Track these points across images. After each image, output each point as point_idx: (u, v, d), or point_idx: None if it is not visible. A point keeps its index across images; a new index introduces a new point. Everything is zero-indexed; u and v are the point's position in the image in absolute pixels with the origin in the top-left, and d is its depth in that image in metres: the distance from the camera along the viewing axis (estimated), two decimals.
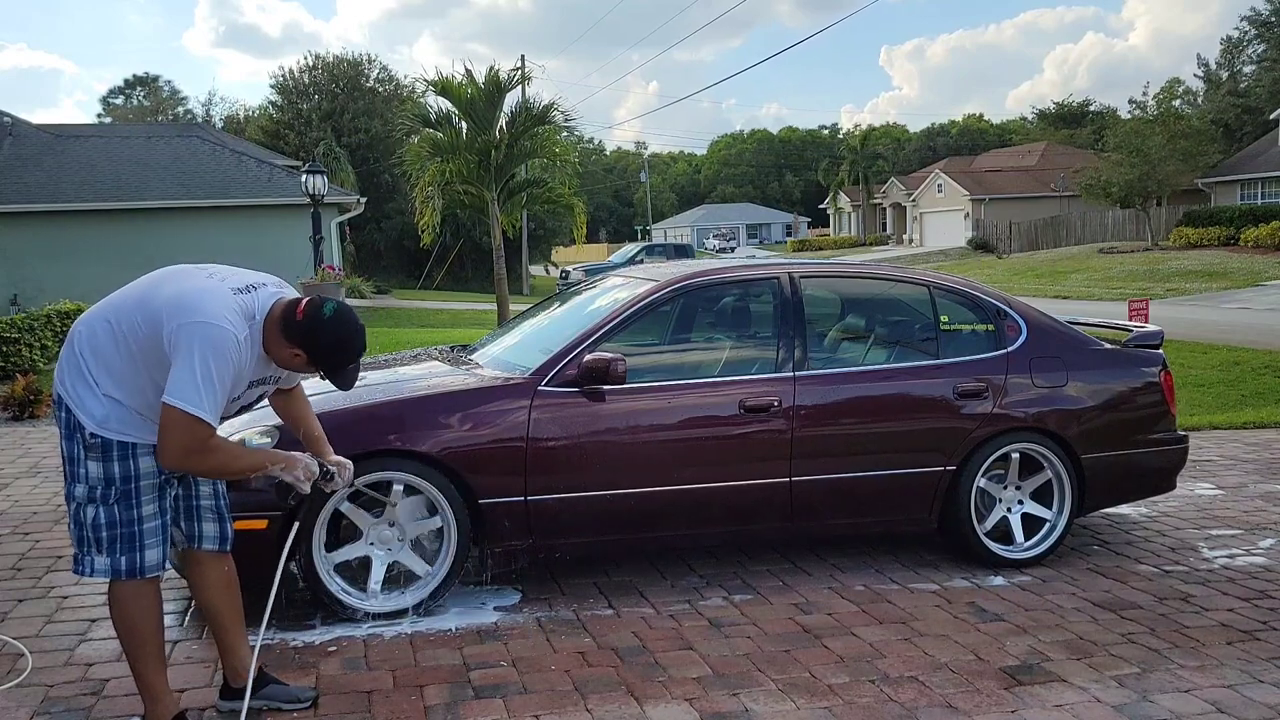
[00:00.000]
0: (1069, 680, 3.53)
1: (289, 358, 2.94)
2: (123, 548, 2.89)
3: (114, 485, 2.87)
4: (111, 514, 2.88)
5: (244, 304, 2.89)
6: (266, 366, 3.00)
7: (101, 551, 2.89)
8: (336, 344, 2.94)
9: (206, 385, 2.74)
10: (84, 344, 2.90)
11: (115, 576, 2.92)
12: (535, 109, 16.90)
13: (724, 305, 5.16)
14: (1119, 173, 35.04)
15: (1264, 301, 20.18)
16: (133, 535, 2.90)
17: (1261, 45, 52.95)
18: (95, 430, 2.84)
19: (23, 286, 19.91)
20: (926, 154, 76.95)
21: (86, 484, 2.87)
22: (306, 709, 3.29)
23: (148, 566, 2.93)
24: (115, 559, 2.90)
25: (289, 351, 2.92)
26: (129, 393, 2.86)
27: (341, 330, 2.93)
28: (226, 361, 2.78)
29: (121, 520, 2.88)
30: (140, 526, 2.91)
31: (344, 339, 2.94)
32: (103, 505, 2.87)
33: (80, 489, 2.88)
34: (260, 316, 2.91)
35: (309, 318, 2.89)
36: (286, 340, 2.91)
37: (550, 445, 4.18)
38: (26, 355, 11.11)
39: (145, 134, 30.27)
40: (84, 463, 2.86)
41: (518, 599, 4.33)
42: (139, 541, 2.91)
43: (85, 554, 2.91)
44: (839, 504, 4.59)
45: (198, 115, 58.82)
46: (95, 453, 2.85)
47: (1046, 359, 4.84)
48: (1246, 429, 8.41)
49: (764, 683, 3.51)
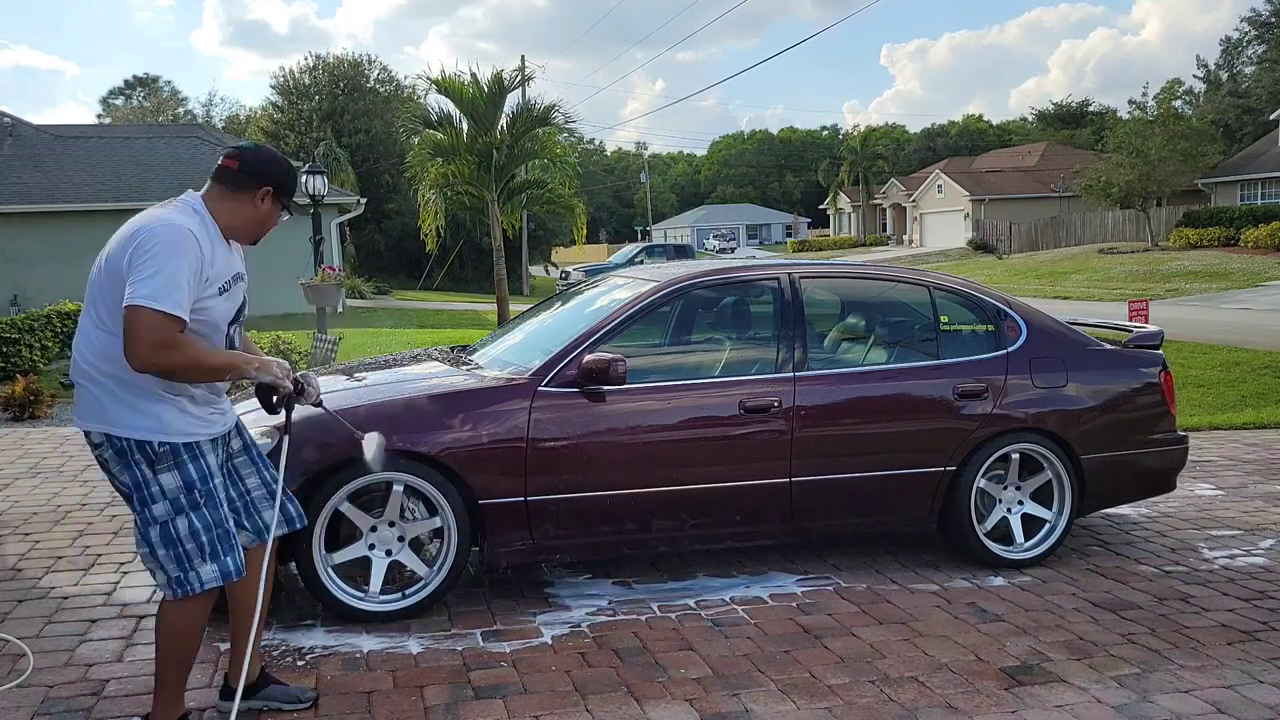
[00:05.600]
0: (1069, 681, 3.53)
1: (255, 209, 2.91)
2: (225, 548, 2.87)
3: (195, 488, 2.84)
4: (204, 517, 2.85)
5: (180, 206, 2.86)
6: (232, 257, 2.93)
7: (206, 559, 2.84)
8: (280, 160, 2.98)
9: (169, 281, 2.65)
10: (90, 364, 2.82)
11: (226, 580, 2.88)
12: (536, 110, 16.91)
13: (724, 306, 5.16)
14: (1119, 173, 35.05)
15: (1264, 302, 20.18)
16: (228, 534, 2.89)
17: (1261, 46, 52.96)
18: (163, 439, 2.80)
19: (23, 287, 19.91)
20: (926, 154, 76.94)
21: (165, 500, 2.81)
22: (306, 709, 3.29)
23: (241, 565, 2.93)
24: (223, 562, 2.86)
25: (254, 201, 2.90)
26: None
27: (270, 150, 3.03)
28: (183, 253, 2.69)
29: (214, 520, 2.86)
30: (229, 524, 2.90)
31: (278, 154, 3.02)
32: (193, 512, 2.83)
33: (160, 508, 2.81)
34: (200, 206, 2.87)
35: (248, 156, 2.92)
36: (243, 191, 2.88)
37: (550, 446, 4.18)
38: (27, 356, 11.11)
39: (145, 134, 30.23)
40: (154, 482, 2.81)
41: (517, 599, 4.33)
42: (232, 536, 2.90)
43: (190, 570, 2.83)
44: (839, 504, 4.59)
45: (198, 116, 58.85)
46: (166, 463, 2.81)
47: (1046, 359, 4.84)
48: (1246, 429, 8.42)
49: (764, 683, 3.52)
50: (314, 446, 3.87)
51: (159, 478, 2.80)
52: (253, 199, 2.90)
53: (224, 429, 3.01)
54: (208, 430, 2.90)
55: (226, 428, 3.03)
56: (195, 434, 2.86)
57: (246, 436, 3.14)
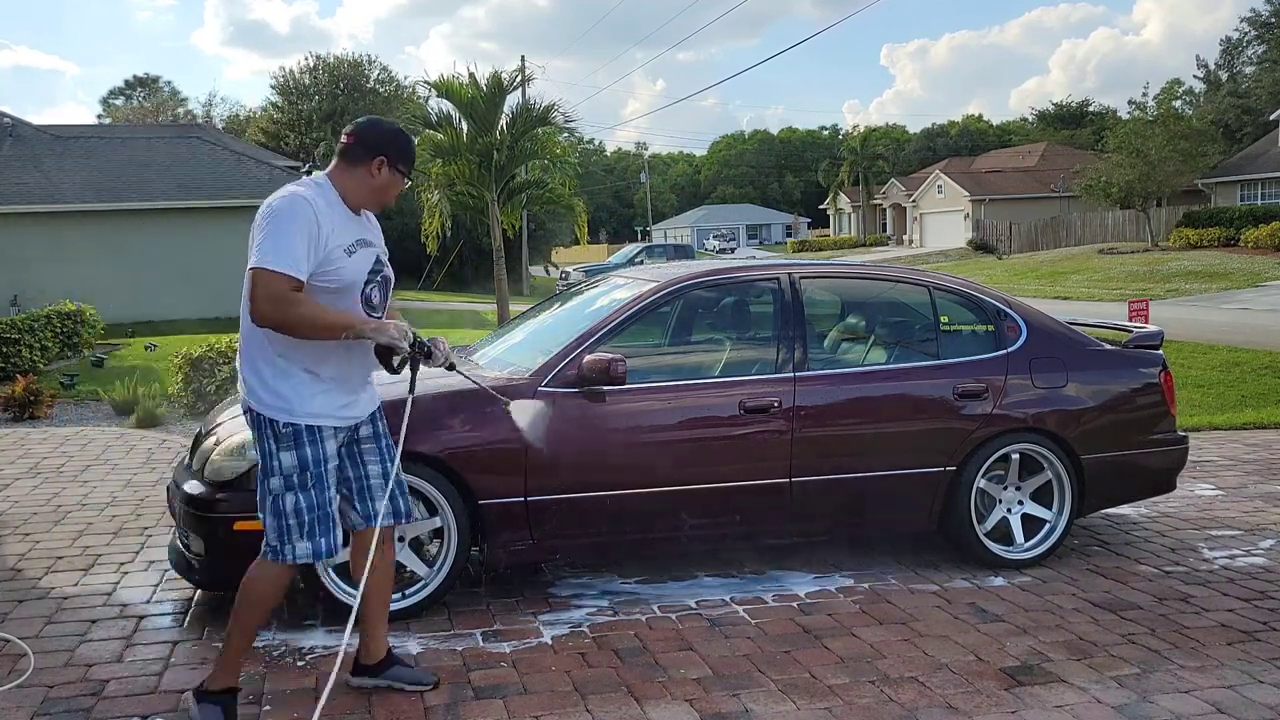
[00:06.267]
0: (1069, 681, 3.53)
1: (373, 178, 3.09)
2: (321, 530, 3.08)
3: (308, 470, 3.04)
4: (310, 498, 3.05)
5: (302, 181, 3.09)
6: (360, 225, 3.13)
7: (303, 536, 3.05)
8: (394, 129, 3.17)
9: (283, 243, 2.87)
10: (240, 352, 3.10)
11: (317, 558, 3.09)
12: (536, 110, 16.92)
13: (724, 306, 5.16)
14: (1119, 173, 35.05)
15: (1264, 302, 20.18)
16: (327, 516, 3.09)
17: (1261, 46, 52.96)
18: (288, 420, 3.02)
19: (23, 287, 19.90)
20: (926, 155, 76.92)
21: (281, 475, 3.04)
22: (429, 690, 3.40)
23: (337, 545, 3.13)
24: (316, 542, 3.07)
25: (371, 170, 3.08)
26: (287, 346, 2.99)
27: (390, 122, 3.24)
28: (297, 218, 2.92)
29: (318, 502, 3.07)
30: (331, 509, 3.10)
31: (397, 126, 3.19)
32: (300, 491, 3.04)
33: (276, 481, 3.05)
34: (323, 180, 3.10)
35: (364, 129, 3.13)
36: (361, 163, 3.08)
37: (550, 446, 4.17)
38: (27, 356, 11.11)
39: (145, 134, 30.29)
40: (277, 455, 3.04)
41: (517, 599, 4.33)
42: (332, 521, 3.10)
43: (286, 542, 3.06)
44: (839, 504, 4.59)
45: (198, 116, 58.84)
46: (287, 442, 3.03)
47: (1046, 359, 4.84)
48: (1246, 429, 8.41)
49: (764, 683, 3.51)
50: None
51: (280, 454, 3.04)
52: (369, 170, 3.09)
53: (353, 420, 3.18)
54: (333, 418, 3.09)
55: (357, 419, 3.20)
56: (320, 419, 3.06)
57: (380, 426, 3.30)
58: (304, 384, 3.03)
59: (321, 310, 2.97)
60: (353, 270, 3.06)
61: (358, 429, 3.23)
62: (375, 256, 3.17)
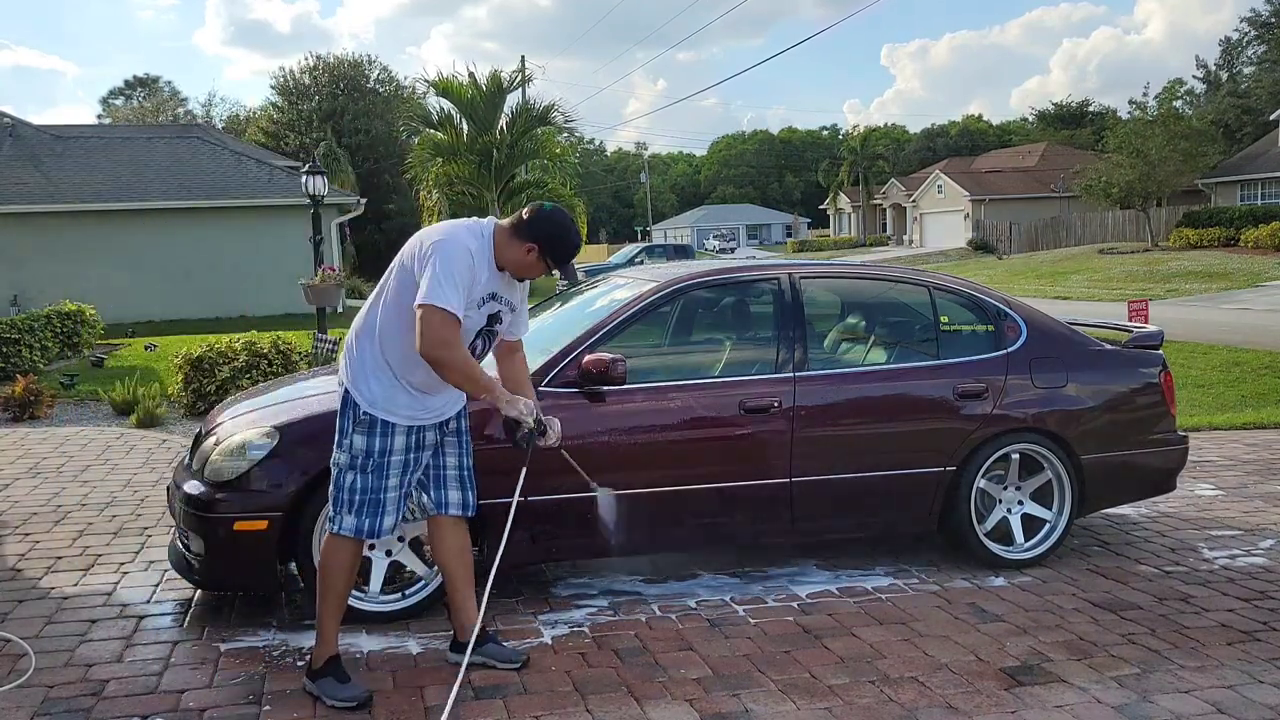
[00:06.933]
0: (1069, 681, 3.53)
1: (522, 256, 3.32)
2: (369, 511, 3.33)
3: (371, 457, 3.32)
4: (366, 481, 3.33)
5: (471, 227, 3.34)
6: (499, 281, 3.36)
7: (351, 512, 3.33)
8: (562, 231, 3.35)
9: (448, 283, 3.14)
10: (353, 333, 3.39)
11: (358, 535, 3.35)
12: (536, 110, 16.95)
13: (724, 306, 5.16)
14: (1119, 173, 35.05)
15: (1264, 302, 20.17)
16: (379, 502, 3.35)
17: (1262, 46, 52.97)
18: (367, 409, 3.31)
19: (23, 287, 19.92)
20: (926, 155, 76.90)
21: (350, 453, 3.33)
22: (516, 669, 3.58)
23: (383, 529, 3.38)
24: (360, 520, 3.33)
25: (523, 249, 3.31)
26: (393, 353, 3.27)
27: (563, 219, 3.39)
28: (460, 264, 3.18)
29: (372, 487, 3.33)
30: (385, 495, 3.35)
31: (566, 226, 3.37)
32: (360, 473, 3.32)
33: (344, 457, 3.34)
34: (488, 233, 3.34)
35: (536, 212, 3.35)
36: (519, 239, 3.31)
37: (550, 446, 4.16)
38: (27, 356, 11.12)
39: (145, 134, 30.28)
40: (350, 434, 3.33)
41: (517, 599, 4.33)
42: (382, 508, 3.35)
43: (338, 514, 3.34)
44: (839, 504, 4.59)
45: (198, 116, 58.84)
46: (362, 428, 3.31)
47: (1046, 359, 4.84)
48: (1246, 429, 8.41)
49: (764, 683, 3.52)
50: (314, 447, 3.86)
51: (353, 435, 3.33)
52: (523, 247, 3.32)
53: (429, 421, 3.42)
54: (408, 417, 3.34)
55: (435, 421, 3.45)
56: (394, 416, 3.32)
57: (463, 424, 3.58)
58: (393, 387, 3.31)
59: (475, 366, 3.27)
60: (475, 320, 3.33)
61: (447, 423, 3.50)
62: (497, 310, 3.41)
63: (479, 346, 3.43)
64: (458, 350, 3.19)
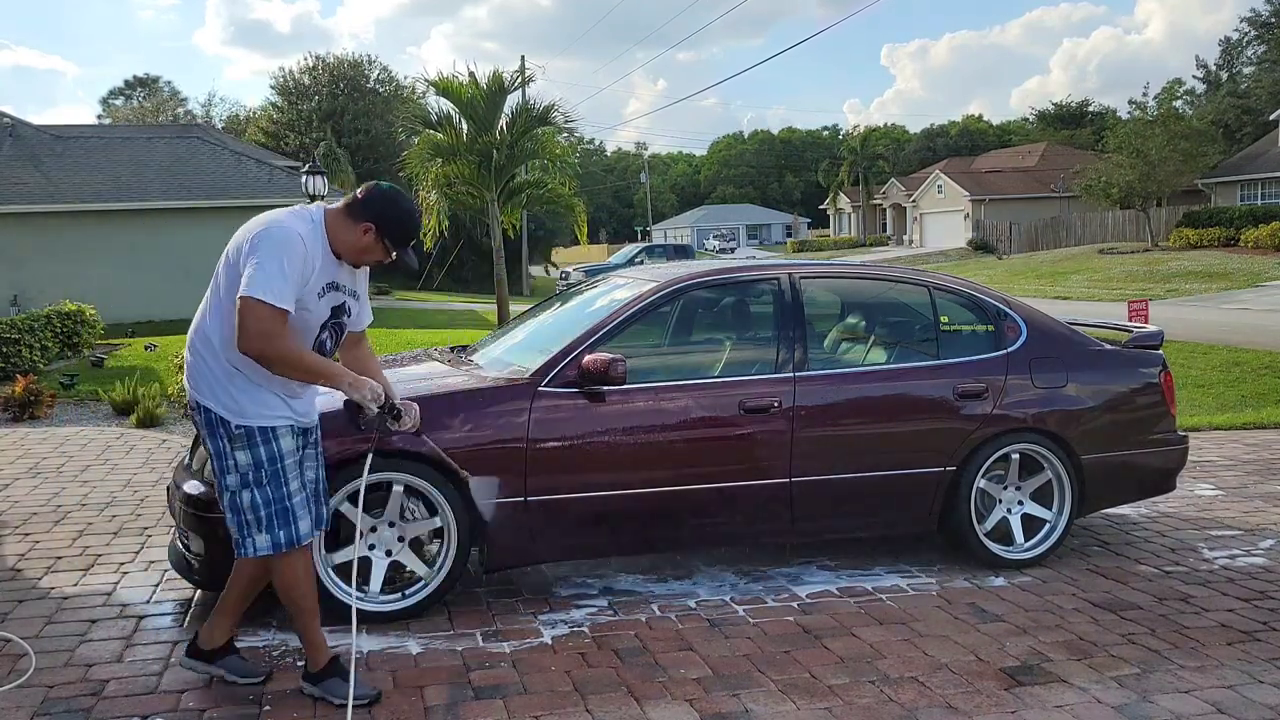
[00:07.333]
0: (1069, 681, 3.53)
1: (358, 238, 3.15)
2: (279, 523, 3.15)
3: (263, 468, 3.13)
4: (265, 494, 3.13)
5: (299, 213, 3.16)
6: (336, 269, 3.18)
7: (262, 530, 3.15)
8: (400, 210, 3.18)
9: (276, 275, 2.94)
10: (195, 342, 3.16)
11: (277, 550, 3.16)
12: (536, 110, 16.93)
13: (724, 306, 5.16)
14: (1119, 173, 35.06)
15: (1264, 302, 20.18)
16: (286, 510, 3.16)
17: (1261, 46, 52.96)
18: (239, 422, 3.10)
19: (23, 287, 19.91)
20: (926, 155, 76.88)
21: (237, 473, 3.13)
22: (259, 683, 3.43)
23: (302, 535, 3.19)
24: (275, 534, 3.15)
25: (359, 231, 3.14)
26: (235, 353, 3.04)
27: (400, 198, 3.22)
28: (289, 253, 2.99)
29: (274, 498, 3.14)
30: (291, 501, 3.17)
31: (404, 205, 3.21)
32: (256, 488, 3.13)
33: (232, 479, 3.14)
34: (319, 218, 3.16)
35: (371, 191, 3.20)
36: (354, 220, 3.15)
37: (550, 446, 4.17)
38: (27, 356, 11.11)
39: (145, 134, 30.29)
40: (231, 455, 3.12)
41: (517, 599, 4.33)
42: (292, 515, 3.17)
43: (246, 536, 3.16)
44: (839, 504, 4.59)
45: (198, 116, 58.86)
46: (241, 443, 3.11)
47: (1046, 359, 4.84)
48: (1246, 429, 8.41)
49: (764, 683, 3.51)
50: None
51: (235, 454, 3.12)
52: (358, 229, 3.15)
53: (303, 422, 3.24)
54: (285, 418, 3.16)
55: (307, 422, 3.27)
56: (271, 420, 3.13)
57: (316, 434, 3.37)
58: (255, 389, 3.11)
59: (309, 354, 3.10)
60: (317, 313, 3.15)
61: (308, 432, 3.30)
62: (342, 301, 3.24)
63: (327, 342, 3.26)
64: (283, 341, 2.98)
